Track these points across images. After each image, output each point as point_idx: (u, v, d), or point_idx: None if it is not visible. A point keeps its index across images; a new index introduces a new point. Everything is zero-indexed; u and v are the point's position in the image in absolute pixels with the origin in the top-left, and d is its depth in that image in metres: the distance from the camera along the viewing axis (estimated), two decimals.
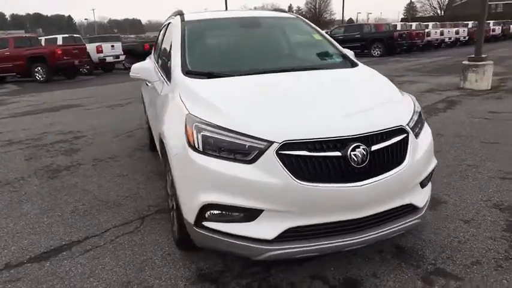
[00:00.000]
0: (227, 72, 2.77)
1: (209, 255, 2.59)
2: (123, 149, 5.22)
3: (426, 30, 24.45)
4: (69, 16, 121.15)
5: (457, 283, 2.23)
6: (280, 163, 1.96)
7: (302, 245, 2.04)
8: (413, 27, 24.14)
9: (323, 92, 2.58)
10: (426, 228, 2.82)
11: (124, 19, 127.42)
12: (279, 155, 1.97)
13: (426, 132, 2.48)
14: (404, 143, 2.20)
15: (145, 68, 3.08)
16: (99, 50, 17.48)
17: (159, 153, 3.05)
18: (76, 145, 5.55)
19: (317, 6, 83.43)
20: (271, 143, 1.99)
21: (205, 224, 2.15)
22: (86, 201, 3.60)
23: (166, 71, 3.02)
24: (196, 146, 2.12)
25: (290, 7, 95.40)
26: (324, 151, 2.00)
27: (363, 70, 3.04)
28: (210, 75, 2.70)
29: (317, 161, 1.98)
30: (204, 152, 2.10)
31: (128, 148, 5.27)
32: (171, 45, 3.17)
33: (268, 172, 1.97)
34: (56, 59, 14.72)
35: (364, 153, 2.02)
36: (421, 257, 2.50)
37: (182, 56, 2.90)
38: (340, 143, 2.02)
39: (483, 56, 8.85)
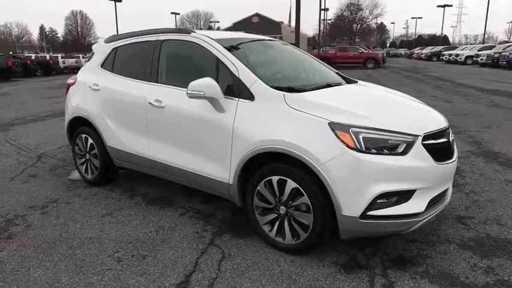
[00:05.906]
0: (301, 86, 3.05)
1: (325, 249, 2.85)
2: (55, 191, 4.19)
3: None
4: None
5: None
6: (426, 151, 2.58)
7: (432, 211, 2.69)
8: None
9: (390, 98, 3.29)
10: None
11: None
12: (422, 145, 2.59)
13: None
14: None
15: (212, 84, 2.88)
16: None
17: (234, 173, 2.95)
18: None
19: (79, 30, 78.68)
20: (416, 136, 2.58)
21: (371, 213, 2.50)
22: (115, 248, 2.96)
23: (234, 87, 2.99)
24: (359, 147, 2.47)
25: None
26: (439, 139, 2.75)
27: (365, 83, 3.88)
28: (290, 90, 2.93)
29: (438, 146, 2.71)
30: (366, 151, 2.48)
31: (60, 188, 4.26)
32: (218, 63, 3.12)
33: (419, 159, 2.56)
34: None
35: (452, 137, 2.90)
36: None
37: (254, 73, 2.98)
38: (443, 132, 2.82)
39: None
